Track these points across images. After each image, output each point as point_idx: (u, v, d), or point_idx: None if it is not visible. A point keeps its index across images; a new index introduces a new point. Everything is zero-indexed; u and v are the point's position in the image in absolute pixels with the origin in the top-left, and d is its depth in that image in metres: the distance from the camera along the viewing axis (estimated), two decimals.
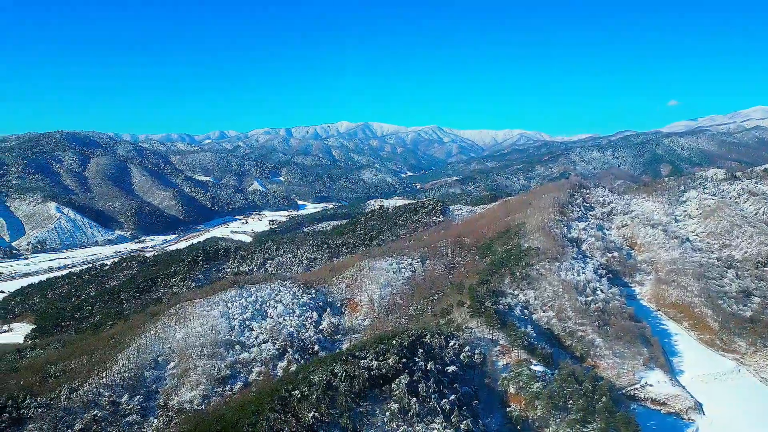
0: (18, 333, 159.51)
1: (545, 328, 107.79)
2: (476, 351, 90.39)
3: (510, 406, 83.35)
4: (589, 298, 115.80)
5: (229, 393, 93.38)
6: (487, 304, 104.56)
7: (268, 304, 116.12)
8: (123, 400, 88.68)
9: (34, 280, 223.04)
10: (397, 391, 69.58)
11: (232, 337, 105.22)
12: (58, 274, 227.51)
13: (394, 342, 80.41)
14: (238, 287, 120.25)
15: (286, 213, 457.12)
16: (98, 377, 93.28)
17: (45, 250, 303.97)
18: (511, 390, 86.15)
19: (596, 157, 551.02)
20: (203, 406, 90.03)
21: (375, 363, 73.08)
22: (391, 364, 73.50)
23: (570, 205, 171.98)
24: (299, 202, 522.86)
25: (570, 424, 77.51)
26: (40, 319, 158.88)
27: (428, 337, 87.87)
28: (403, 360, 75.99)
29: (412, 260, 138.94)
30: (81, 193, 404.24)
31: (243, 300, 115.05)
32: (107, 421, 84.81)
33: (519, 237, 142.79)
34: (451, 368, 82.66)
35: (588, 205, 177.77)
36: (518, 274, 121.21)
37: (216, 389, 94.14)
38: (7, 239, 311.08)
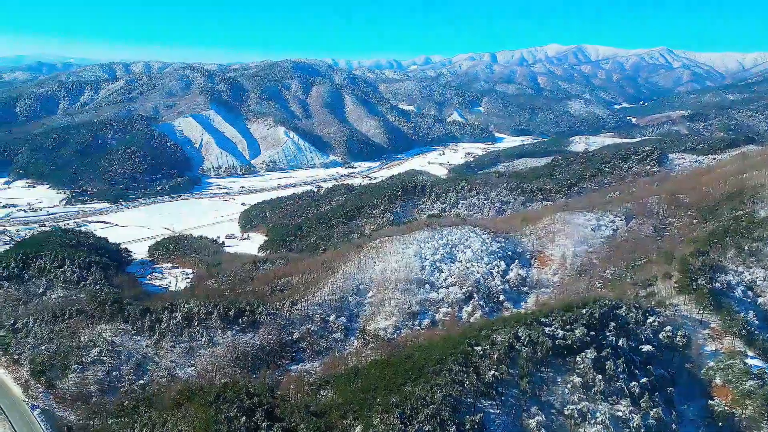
0: (255, 242, 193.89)
1: None
2: (679, 332, 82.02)
3: (713, 399, 75.26)
4: None
5: (417, 328, 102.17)
6: (700, 280, 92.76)
7: (457, 248, 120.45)
8: (331, 319, 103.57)
9: (266, 195, 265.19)
10: (582, 366, 68.08)
11: (423, 276, 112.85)
12: (284, 192, 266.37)
13: (583, 311, 77.58)
14: (431, 229, 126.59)
15: (482, 146, 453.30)
16: (312, 295, 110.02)
17: (274, 169, 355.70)
18: (717, 381, 77.25)
19: None
20: (395, 336, 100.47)
21: (560, 332, 71.99)
22: (578, 335, 71.58)
23: None
24: (497, 134, 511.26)
25: None
26: (270, 233, 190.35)
27: (623, 309, 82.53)
28: (592, 333, 73.23)
29: (614, 217, 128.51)
30: (303, 118, 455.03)
31: (435, 242, 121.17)
32: (318, 335, 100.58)
33: (755, 202, 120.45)
34: (646, 347, 77.07)
35: None
36: (746, 248, 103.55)
37: (406, 322, 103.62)
38: (247, 157, 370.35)
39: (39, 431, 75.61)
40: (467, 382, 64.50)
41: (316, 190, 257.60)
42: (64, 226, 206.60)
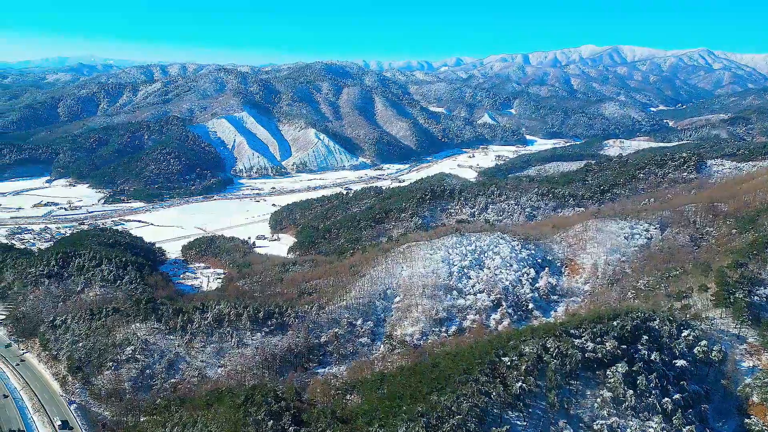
0: (284, 243, 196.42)
1: None
2: (715, 347, 79.45)
3: (750, 417, 72.67)
4: None
5: (444, 335, 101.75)
6: (738, 293, 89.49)
7: (486, 254, 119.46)
8: (358, 323, 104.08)
9: (297, 197, 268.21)
10: (612, 380, 66.60)
11: (451, 282, 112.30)
12: (314, 194, 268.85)
13: (614, 323, 75.79)
14: (459, 234, 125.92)
15: (513, 148, 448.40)
16: (340, 299, 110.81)
17: (305, 171, 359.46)
18: (755, 399, 74.56)
19: None
20: (421, 342, 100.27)
21: (590, 345, 70.52)
22: (608, 349, 70.01)
23: None
24: (528, 137, 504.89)
25: None
26: (300, 234, 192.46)
27: (656, 322, 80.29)
28: (623, 346, 71.51)
29: (649, 225, 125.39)
30: (333, 120, 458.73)
31: (463, 248, 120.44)
32: (345, 338, 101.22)
33: None
34: (679, 362, 74.79)
35: None
36: None
37: (433, 329, 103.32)
38: (278, 158, 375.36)
39: (76, 426, 78.32)
40: (494, 393, 63.88)
41: (345, 192, 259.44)
42: (102, 224, 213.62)
